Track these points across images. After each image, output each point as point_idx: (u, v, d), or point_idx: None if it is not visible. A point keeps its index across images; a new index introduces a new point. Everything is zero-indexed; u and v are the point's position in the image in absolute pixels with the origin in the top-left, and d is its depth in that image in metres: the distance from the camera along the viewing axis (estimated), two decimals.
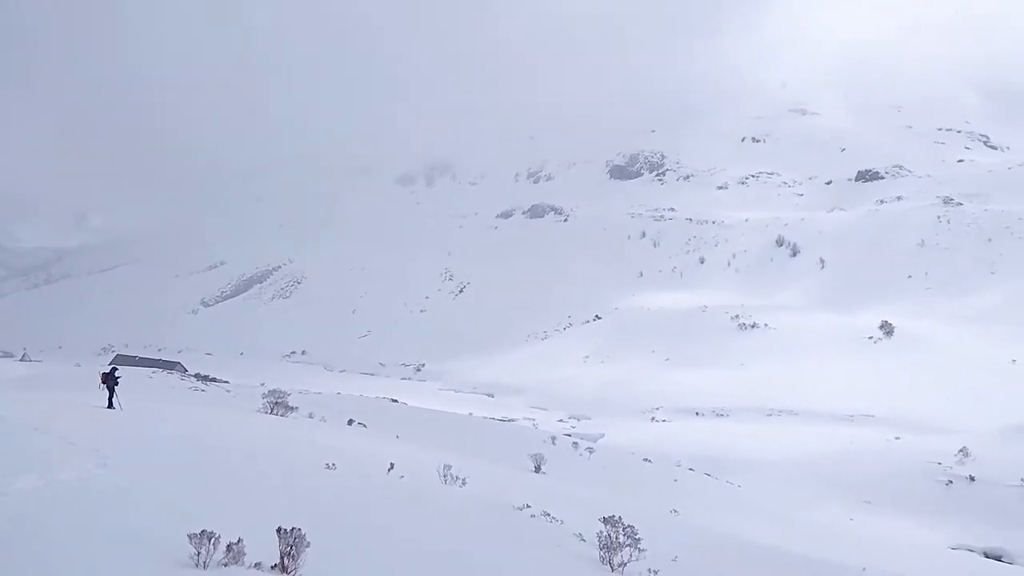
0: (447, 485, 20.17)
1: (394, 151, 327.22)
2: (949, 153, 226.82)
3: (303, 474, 16.95)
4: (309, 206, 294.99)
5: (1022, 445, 62.14)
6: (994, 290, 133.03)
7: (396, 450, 26.65)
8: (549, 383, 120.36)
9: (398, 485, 18.02)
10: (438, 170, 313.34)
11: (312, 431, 28.56)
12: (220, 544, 9.88)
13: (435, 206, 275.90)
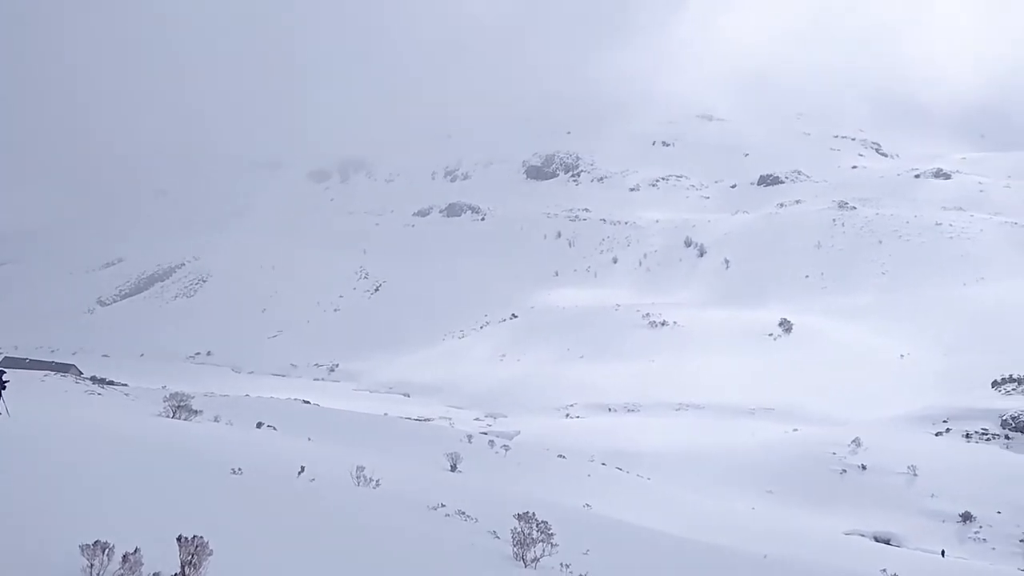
0: (360, 487, 19.86)
1: (306, 146, 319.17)
2: (844, 159, 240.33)
3: (207, 480, 16.32)
4: (215, 200, 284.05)
5: (909, 435, 66.62)
6: (884, 289, 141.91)
7: (307, 453, 26.03)
8: (466, 382, 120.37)
9: (308, 488, 17.61)
10: (353, 166, 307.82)
11: (218, 435, 27.53)
12: (115, 555, 9.39)
13: (350, 203, 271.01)
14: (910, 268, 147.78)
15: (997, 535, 51.44)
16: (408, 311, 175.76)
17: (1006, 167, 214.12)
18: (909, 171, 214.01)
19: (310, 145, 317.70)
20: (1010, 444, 62.68)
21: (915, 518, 54.29)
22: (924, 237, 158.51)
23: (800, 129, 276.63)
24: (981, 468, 58.72)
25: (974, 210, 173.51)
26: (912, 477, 58.82)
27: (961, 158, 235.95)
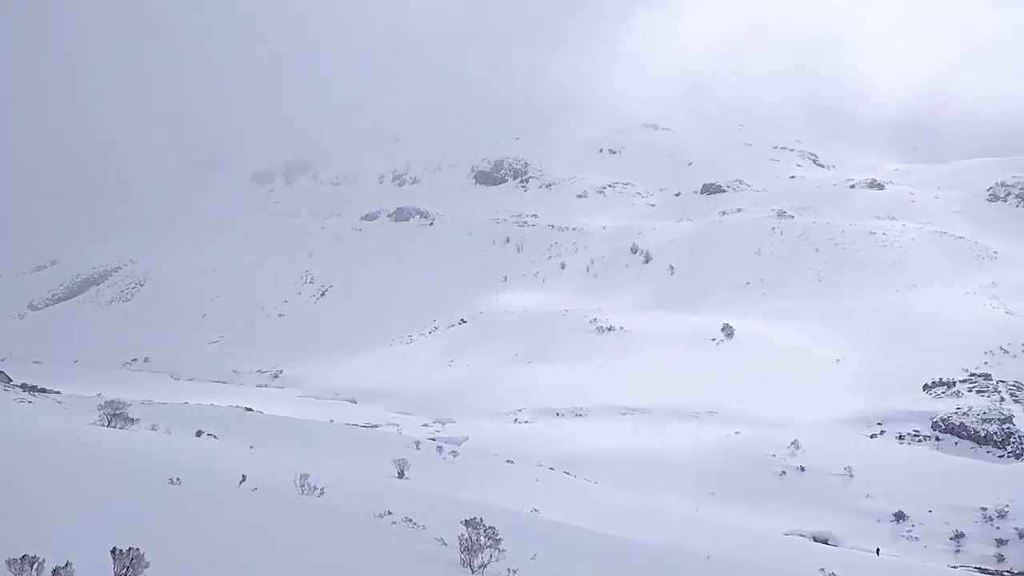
0: (304, 495, 19.50)
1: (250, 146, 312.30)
2: (783, 169, 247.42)
3: (143, 490, 15.80)
4: (153, 202, 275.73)
5: (845, 437, 68.88)
6: (821, 295, 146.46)
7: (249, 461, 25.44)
8: (414, 387, 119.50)
9: (250, 498, 17.21)
10: (298, 168, 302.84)
11: (155, 444, 26.69)
12: (45, 569, 9.03)
13: (295, 206, 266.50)
14: (845, 275, 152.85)
15: (928, 533, 53.56)
16: (355, 316, 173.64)
17: (935, 178, 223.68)
18: (845, 181, 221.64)
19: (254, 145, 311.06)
20: (940, 445, 65.38)
21: (851, 518, 56.13)
22: (858, 245, 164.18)
23: (741, 139, 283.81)
24: (913, 469, 61.12)
25: (906, 219, 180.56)
26: (848, 478, 60.80)
27: (894, 169, 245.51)
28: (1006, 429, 63.93)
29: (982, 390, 72.86)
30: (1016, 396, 71.28)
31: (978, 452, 63.32)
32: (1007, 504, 53.72)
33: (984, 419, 65.25)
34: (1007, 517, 52.82)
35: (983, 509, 53.89)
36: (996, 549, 50.81)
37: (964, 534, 52.23)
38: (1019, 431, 63.69)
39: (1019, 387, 74.27)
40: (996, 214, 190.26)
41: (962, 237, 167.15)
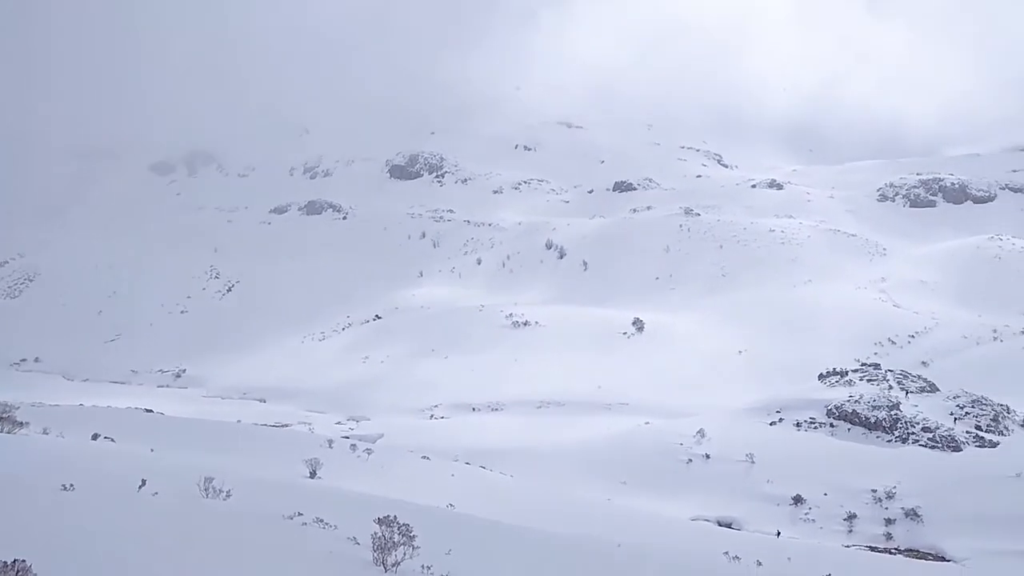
0: (208, 499, 18.77)
1: (148, 134, 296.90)
2: (690, 168, 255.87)
3: (33, 498, 14.82)
4: (43, 193, 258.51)
5: (747, 425, 71.93)
6: (725, 290, 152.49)
7: (149, 465, 24.27)
8: (327, 385, 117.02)
9: (150, 504, 16.42)
10: (201, 159, 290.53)
11: (47, 449, 25.08)
12: None
13: (199, 198, 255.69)
14: (747, 270, 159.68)
15: (824, 515, 56.63)
16: (264, 312, 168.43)
17: (829, 179, 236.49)
18: (747, 181, 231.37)
19: (153, 133, 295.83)
20: (834, 431, 69.13)
21: (753, 502, 58.71)
22: (759, 242, 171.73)
23: (650, 139, 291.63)
24: (810, 454, 64.45)
25: (803, 217, 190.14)
26: (750, 464, 63.54)
27: (792, 170, 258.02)
28: (894, 415, 68.29)
29: (872, 379, 77.53)
30: (903, 384, 76.22)
31: (869, 437, 67.40)
32: (895, 485, 57.45)
33: (874, 406, 69.47)
34: (895, 498, 56.48)
35: (873, 491, 57.44)
36: (885, 528, 54.28)
37: (856, 515, 55.52)
38: (905, 417, 68.17)
39: (905, 376, 79.45)
40: (885, 213, 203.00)
41: (854, 235, 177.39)
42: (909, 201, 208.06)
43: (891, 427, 67.46)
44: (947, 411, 68.98)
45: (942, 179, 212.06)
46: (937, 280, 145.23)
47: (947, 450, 63.63)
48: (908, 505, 55.43)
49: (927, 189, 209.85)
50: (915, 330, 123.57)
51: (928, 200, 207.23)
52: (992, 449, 63.28)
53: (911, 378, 78.62)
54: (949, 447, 63.89)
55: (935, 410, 69.18)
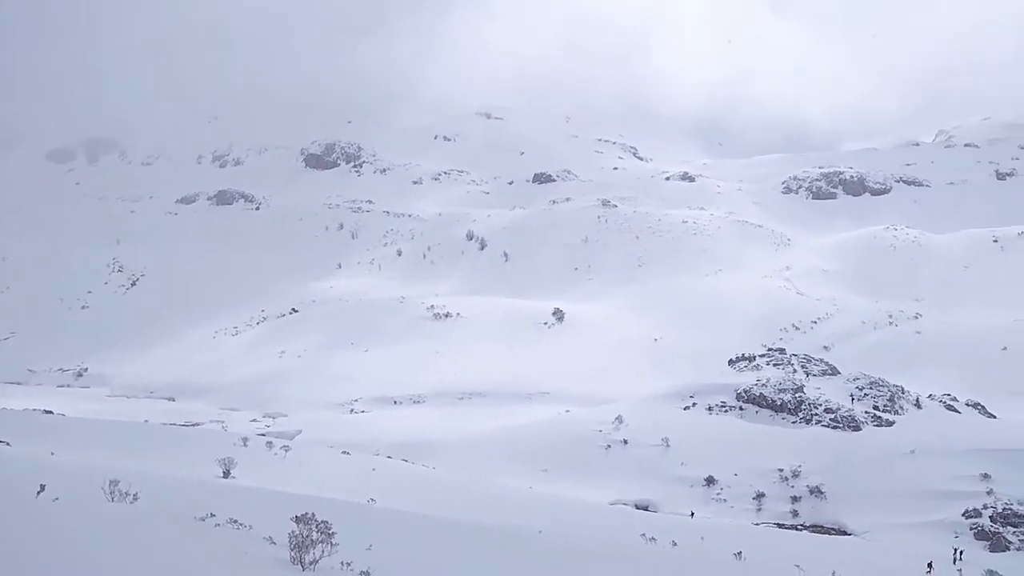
0: (114, 503, 17.89)
1: (44, 120, 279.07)
2: (607, 161, 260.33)
3: None
4: None
5: (662, 411, 74.08)
6: (641, 280, 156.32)
7: (50, 469, 22.93)
8: (241, 381, 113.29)
9: (49, 509, 15.51)
10: (102, 147, 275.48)
11: None
12: None
13: (100, 188, 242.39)
14: (662, 261, 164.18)
15: (735, 495, 59.05)
16: (172, 307, 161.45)
17: (738, 172, 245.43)
18: (661, 173, 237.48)
19: (48, 119, 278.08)
20: (744, 414, 72.04)
21: (669, 485, 60.64)
22: (673, 233, 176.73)
23: (569, 132, 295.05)
24: (721, 437, 67.00)
25: (713, 209, 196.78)
26: (665, 448, 65.55)
27: (703, 163, 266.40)
28: (798, 397, 71.75)
29: (778, 363, 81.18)
30: (806, 368, 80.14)
31: (775, 419, 70.58)
32: (800, 464, 60.45)
33: (780, 389, 72.78)
34: (800, 476, 59.47)
35: (780, 470, 60.27)
36: (791, 505, 57.11)
37: (765, 494, 58.16)
38: (809, 399, 71.72)
39: (809, 360, 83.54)
40: (789, 205, 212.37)
41: (761, 226, 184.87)
42: (812, 193, 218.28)
43: (796, 409, 70.83)
44: (847, 393, 72.94)
45: (842, 172, 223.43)
46: (837, 268, 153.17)
47: (848, 430, 67.33)
48: (812, 483, 58.44)
49: (828, 182, 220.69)
50: (817, 316, 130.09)
51: (829, 192, 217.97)
52: (889, 428, 67.33)
53: (814, 362, 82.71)
54: (850, 427, 67.61)
55: (836, 392, 73.04)
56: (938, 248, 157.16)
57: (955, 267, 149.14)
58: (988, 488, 54.45)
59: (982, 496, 53.72)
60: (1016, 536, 50.62)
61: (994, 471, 56.01)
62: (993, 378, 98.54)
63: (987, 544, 50.01)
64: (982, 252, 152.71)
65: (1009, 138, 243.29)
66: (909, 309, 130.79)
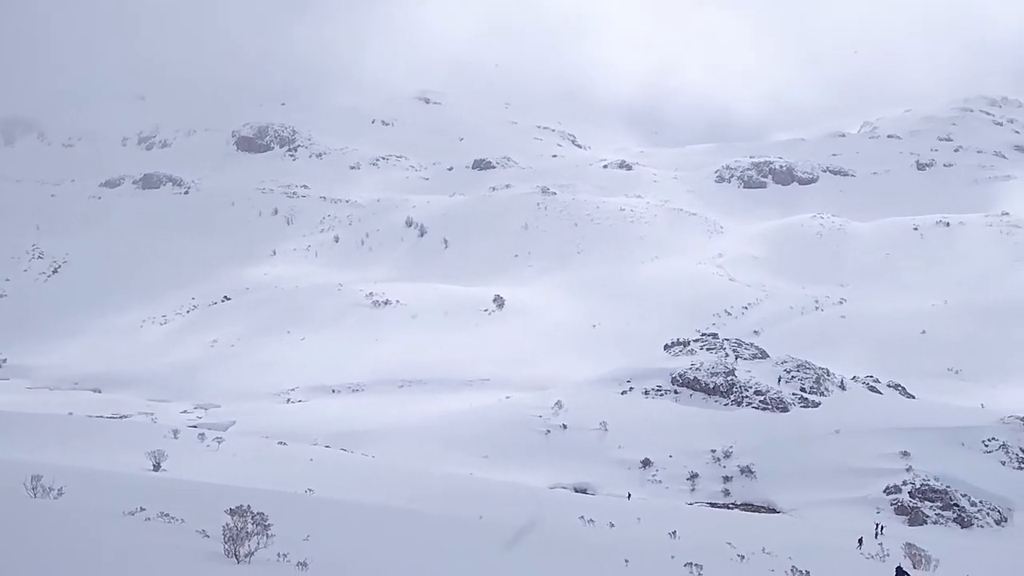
0: (38, 498, 17.18)
1: None
2: (546, 148, 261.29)
3: None
4: None
5: (600, 395, 75.25)
6: (579, 266, 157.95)
7: None
8: (172, 372, 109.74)
9: None
10: (20, 127, 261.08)
11: None
12: None
13: (17, 170, 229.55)
14: (600, 247, 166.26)
15: (670, 476, 60.60)
16: (97, 295, 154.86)
17: (673, 160, 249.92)
18: (599, 161, 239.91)
19: None
20: (678, 397, 73.83)
21: (607, 467, 61.79)
22: (611, 220, 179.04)
23: (508, 118, 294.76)
24: (656, 420, 68.56)
25: (649, 197, 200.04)
26: (604, 432, 66.70)
27: (640, 151, 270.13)
28: (730, 381, 73.94)
29: (711, 348, 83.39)
30: (738, 351, 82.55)
31: (708, 402, 72.59)
32: (731, 445, 62.42)
33: (713, 373, 74.85)
34: (731, 456, 61.41)
35: (713, 451, 62.13)
36: (723, 485, 58.97)
37: (698, 474, 59.88)
38: (740, 382, 73.99)
39: (740, 344, 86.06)
40: (722, 193, 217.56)
41: (695, 214, 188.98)
42: (743, 182, 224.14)
43: (728, 392, 73.00)
44: (776, 375, 75.51)
45: (772, 162, 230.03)
46: (767, 255, 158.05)
47: (776, 411, 69.79)
48: (743, 463, 60.45)
49: (759, 171, 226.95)
50: (748, 302, 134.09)
51: (759, 181, 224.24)
52: (815, 409, 70.07)
53: (745, 346, 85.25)
54: (778, 408, 70.10)
55: (766, 375, 75.52)
56: (862, 236, 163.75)
57: (877, 254, 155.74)
58: (907, 465, 57.35)
59: (902, 473, 56.56)
60: (933, 510, 53.53)
61: (913, 449, 59.04)
62: (912, 360, 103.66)
63: (906, 519, 52.72)
64: (903, 240, 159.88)
65: (929, 130, 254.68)
66: (834, 294, 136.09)
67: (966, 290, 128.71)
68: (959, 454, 59.66)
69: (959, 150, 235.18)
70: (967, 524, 52.55)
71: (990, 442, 61.40)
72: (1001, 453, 60.33)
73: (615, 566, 20.93)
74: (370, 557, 16.91)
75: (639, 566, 21.21)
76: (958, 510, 53.46)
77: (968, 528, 52.09)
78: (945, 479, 55.65)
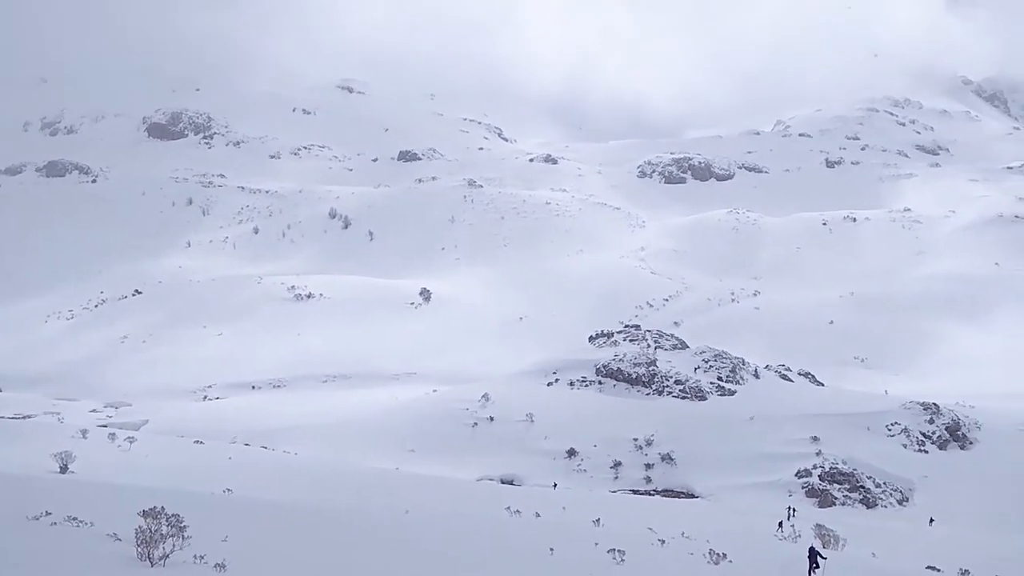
0: None
1: None
2: (472, 141, 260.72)
3: None
4: None
5: (527, 387, 75.89)
6: (506, 260, 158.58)
7: None
8: (79, 370, 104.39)
9: None
10: None
11: None
12: None
13: None
14: (526, 241, 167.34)
15: (594, 465, 61.76)
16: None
17: (597, 155, 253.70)
18: (525, 155, 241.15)
19: None
20: (602, 388, 75.23)
21: (533, 458, 62.45)
22: (537, 214, 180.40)
23: (433, 110, 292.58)
24: (581, 410, 69.71)
25: (575, 191, 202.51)
26: (530, 423, 67.35)
27: (565, 146, 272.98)
28: (651, 371, 75.85)
29: (634, 339, 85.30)
30: (659, 342, 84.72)
31: (631, 391, 74.28)
32: (653, 434, 64.10)
33: (635, 363, 76.61)
34: (653, 445, 63.09)
35: (635, 440, 63.64)
36: (645, 472, 60.54)
37: (621, 462, 61.25)
38: (661, 372, 75.96)
39: (661, 335, 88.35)
40: (644, 188, 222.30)
41: (618, 208, 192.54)
42: (664, 178, 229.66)
43: (649, 381, 74.87)
44: (694, 365, 77.89)
45: (691, 158, 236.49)
46: (687, 249, 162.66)
47: (695, 399, 72.05)
48: (664, 451, 62.19)
49: (679, 167, 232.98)
50: (669, 294, 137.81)
51: (680, 177, 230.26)
52: (731, 397, 72.67)
53: (666, 337, 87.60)
54: (697, 397, 72.37)
55: (685, 364, 77.81)
56: (775, 230, 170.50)
57: (789, 248, 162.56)
58: (817, 450, 60.24)
59: (812, 457, 59.37)
60: (841, 492, 56.43)
61: (822, 434, 62.04)
62: (821, 349, 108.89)
63: (816, 501, 55.42)
64: (813, 234, 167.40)
65: (837, 129, 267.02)
66: (749, 286, 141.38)
67: (871, 282, 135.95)
68: (865, 438, 63.06)
69: (865, 149, 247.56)
70: (872, 505, 55.65)
71: (893, 426, 65.12)
72: (903, 437, 64.08)
73: (540, 555, 21.20)
74: (292, 557, 16.58)
75: (564, 554, 21.55)
76: (864, 492, 56.54)
77: (873, 508, 55.17)
78: (852, 462, 58.76)
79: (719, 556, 23.24)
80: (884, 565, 29.76)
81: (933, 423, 65.17)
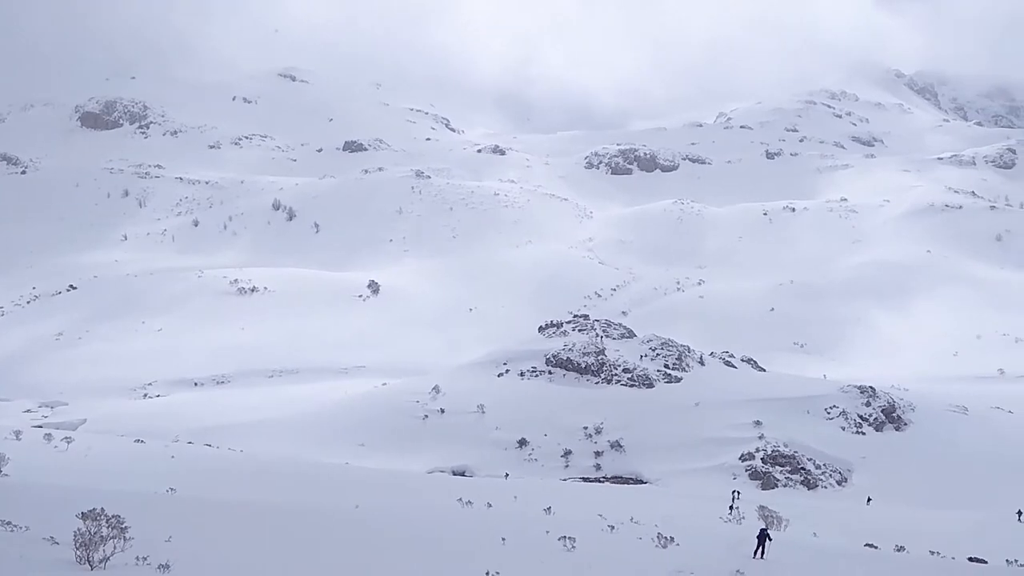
0: None
1: None
2: (419, 131, 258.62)
3: None
4: None
5: (478, 378, 75.86)
6: (455, 251, 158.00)
7: None
8: (11, 368, 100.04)
9: None
10: None
11: None
12: None
13: None
14: (475, 232, 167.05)
15: (545, 454, 62.23)
16: None
17: (545, 146, 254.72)
18: (473, 146, 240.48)
19: None
20: (552, 378, 75.71)
21: (485, 449, 62.56)
22: (486, 205, 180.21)
23: (380, 99, 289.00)
24: (532, 400, 70.06)
25: (523, 183, 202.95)
26: (481, 415, 67.43)
27: (513, 137, 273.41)
28: (600, 360, 76.69)
29: (583, 328, 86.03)
30: (607, 332, 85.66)
31: (581, 380, 74.97)
32: (602, 422, 64.91)
33: (584, 353, 77.35)
34: (602, 432, 63.90)
35: (585, 428, 64.36)
36: (595, 460, 61.30)
37: (571, 451, 61.88)
38: (609, 360, 76.86)
39: (609, 324, 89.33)
40: (591, 179, 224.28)
41: (567, 199, 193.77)
42: (611, 169, 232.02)
43: (598, 370, 75.69)
44: (642, 353, 79.01)
45: (636, 150, 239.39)
46: (633, 239, 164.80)
47: (643, 387, 73.14)
48: (613, 438, 63.06)
49: (625, 158, 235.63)
50: (616, 284, 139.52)
51: (626, 168, 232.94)
52: (678, 384, 73.99)
53: (614, 326, 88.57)
54: (644, 385, 73.48)
55: (633, 353, 78.86)
56: (718, 220, 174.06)
57: (732, 237, 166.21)
58: (760, 434, 61.89)
59: (755, 441, 60.98)
60: (783, 474, 58.12)
61: (764, 418, 63.76)
62: (763, 336, 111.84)
63: (759, 483, 56.94)
64: (754, 224, 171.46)
65: (777, 121, 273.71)
66: (694, 276, 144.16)
67: (809, 270, 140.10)
68: (805, 421, 65.06)
69: (804, 140, 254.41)
70: (813, 486, 57.50)
71: (831, 409, 67.34)
72: (841, 419, 66.31)
73: (492, 545, 21.28)
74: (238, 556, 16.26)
75: (515, 543, 21.68)
76: (805, 473, 58.37)
77: (814, 489, 57.00)
78: (793, 445, 60.56)
79: (667, 540, 23.70)
80: (825, 543, 30.81)
81: (870, 406, 67.57)
